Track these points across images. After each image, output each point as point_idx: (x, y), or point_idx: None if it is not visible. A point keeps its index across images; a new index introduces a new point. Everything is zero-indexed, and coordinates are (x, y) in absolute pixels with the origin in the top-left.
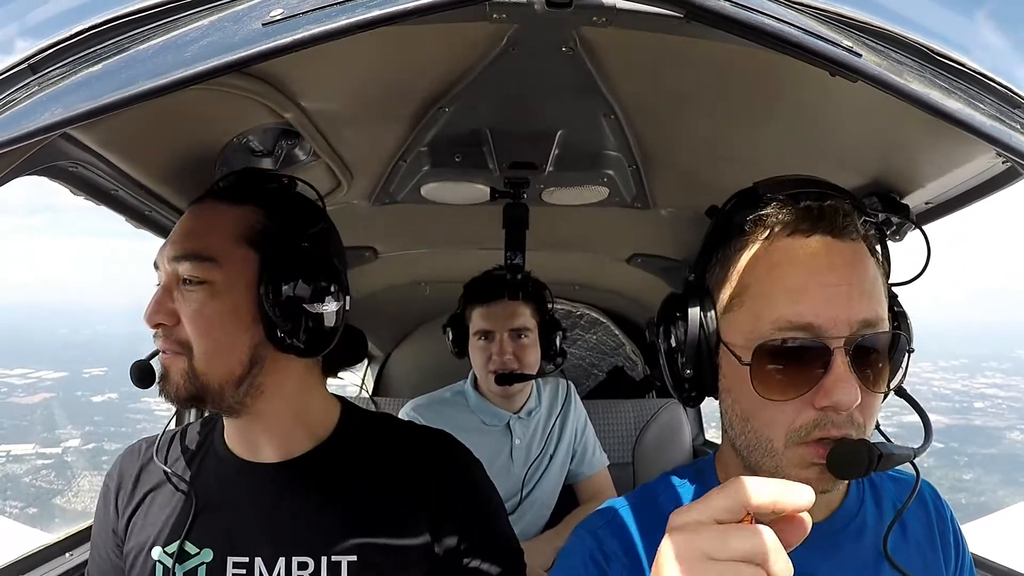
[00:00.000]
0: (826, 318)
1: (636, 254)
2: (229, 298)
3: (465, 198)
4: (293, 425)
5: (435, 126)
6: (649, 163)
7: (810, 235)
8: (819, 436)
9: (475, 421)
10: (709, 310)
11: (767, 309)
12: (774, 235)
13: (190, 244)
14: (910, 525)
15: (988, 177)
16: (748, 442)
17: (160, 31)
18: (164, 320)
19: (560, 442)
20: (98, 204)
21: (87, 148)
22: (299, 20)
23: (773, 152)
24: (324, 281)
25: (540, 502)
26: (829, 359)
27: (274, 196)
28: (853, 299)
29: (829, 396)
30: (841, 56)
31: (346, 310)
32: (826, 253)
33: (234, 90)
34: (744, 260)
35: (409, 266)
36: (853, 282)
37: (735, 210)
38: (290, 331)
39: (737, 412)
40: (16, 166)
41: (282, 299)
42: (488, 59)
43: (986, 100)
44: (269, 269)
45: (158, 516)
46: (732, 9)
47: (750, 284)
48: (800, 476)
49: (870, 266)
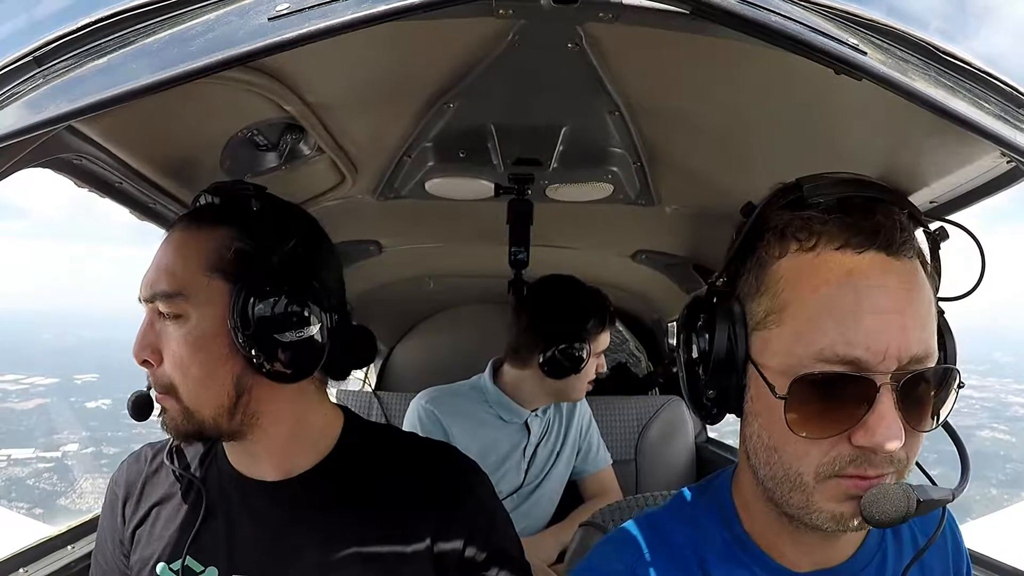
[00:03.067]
0: (876, 352)
1: (640, 250)
2: (203, 331)
3: (469, 194)
4: (292, 444)
5: (440, 121)
6: (654, 160)
7: (863, 251)
8: (852, 473)
9: (492, 416)
10: (740, 323)
11: (811, 334)
12: (821, 246)
13: (159, 282)
14: (927, 558)
15: (993, 176)
16: (774, 474)
17: (166, 25)
18: (148, 357)
19: (567, 439)
20: (103, 196)
21: (92, 141)
22: (305, 15)
23: (777, 150)
24: (297, 305)
25: (547, 497)
26: (875, 396)
27: (249, 212)
28: (907, 330)
29: (871, 437)
30: (846, 54)
31: (337, 321)
32: (881, 273)
33: (239, 84)
34: (784, 272)
35: (413, 261)
36: (907, 310)
37: (775, 210)
38: (268, 360)
39: (764, 440)
40: (21, 158)
41: (251, 330)
42: (493, 55)
43: (991, 99)
44: (237, 298)
45: (163, 531)
46: (737, 6)
47: (791, 302)
48: (836, 511)
49: (925, 289)
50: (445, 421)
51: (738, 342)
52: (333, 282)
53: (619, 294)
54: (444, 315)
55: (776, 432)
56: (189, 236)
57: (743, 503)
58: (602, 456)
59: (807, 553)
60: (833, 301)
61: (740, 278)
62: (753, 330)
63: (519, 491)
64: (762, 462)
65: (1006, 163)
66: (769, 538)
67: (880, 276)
